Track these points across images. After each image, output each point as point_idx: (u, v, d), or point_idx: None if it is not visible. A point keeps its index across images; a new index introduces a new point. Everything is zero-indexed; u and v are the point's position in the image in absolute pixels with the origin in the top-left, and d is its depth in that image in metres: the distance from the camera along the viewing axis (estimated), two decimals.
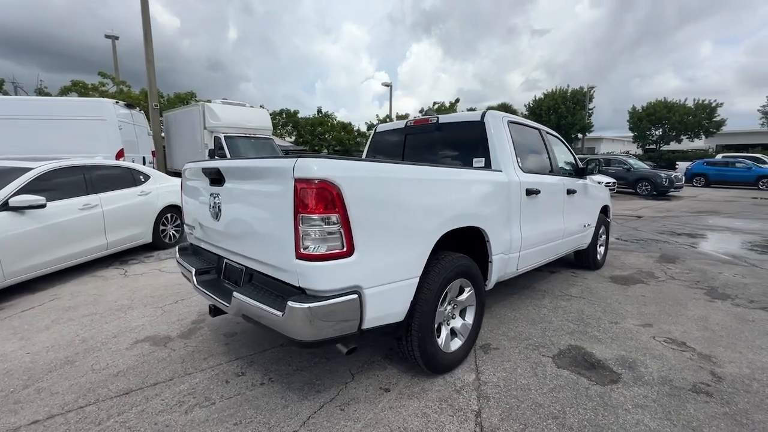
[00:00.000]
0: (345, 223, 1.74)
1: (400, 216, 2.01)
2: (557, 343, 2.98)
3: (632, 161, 17.49)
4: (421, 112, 31.89)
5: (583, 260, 5.03)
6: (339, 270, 1.76)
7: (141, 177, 5.53)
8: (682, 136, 28.38)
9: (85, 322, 3.33)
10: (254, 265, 2.13)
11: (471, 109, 32.57)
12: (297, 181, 1.71)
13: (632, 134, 32.26)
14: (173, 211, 5.97)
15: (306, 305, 1.70)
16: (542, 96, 33.96)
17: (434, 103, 31.54)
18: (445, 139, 3.52)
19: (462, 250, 2.61)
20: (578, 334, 3.16)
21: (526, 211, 3.19)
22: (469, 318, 2.67)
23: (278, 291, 1.99)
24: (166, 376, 2.47)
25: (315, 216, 1.69)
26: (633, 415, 2.13)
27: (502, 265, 2.98)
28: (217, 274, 2.58)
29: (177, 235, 6.14)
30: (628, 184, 16.57)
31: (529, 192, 3.19)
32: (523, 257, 3.25)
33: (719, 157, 22.60)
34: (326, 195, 1.69)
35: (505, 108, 40.67)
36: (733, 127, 29.41)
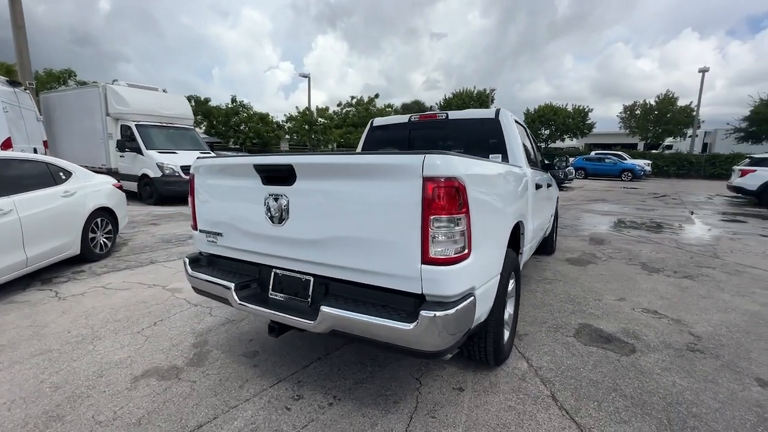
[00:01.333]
0: (468, 223, 1.66)
1: (495, 212, 2.00)
2: (570, 324, 3.29)
3: None
4: (339, 105, 31.60)
5: (542, 247, 5.61)
6: (463, 273, 1.67)
7: (62, 174, 4.41)
8: (564, 136, 33.38)
9: (41, 363, 2.57)
10: (337, 274, 1.90)
11: (389, 106, 33.48)
12: (426, 179, 1.57)
13: None
14: (103, 214, 4.93)
15: (441, 313, 1.58)
16: (451, 96, 36.47)
17: (351, 98, 31.53)
18: (455, 135, 3.57)
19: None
20: (579, 313, 3.54)
21: (534, 205, 3.43)
22: (511, 308, 2.78)
23: (375, 300, 1.81)
24: (207, 415, 2.06)
25: (445, 217, 1.58)
26: (666, 378, 2.48)
27: (525, 257, 3.16)
28: (259, 287, 2.23)
29: (108, 244, 5.09)
30: None
31: (537, 186, 3.44)
32: (530, 249, 3.50)
33: (593, 154, 27.10)
34: (455, 194, 1.59)
35: (418, 106, 42.59)
36: (598, 129, 35.69)
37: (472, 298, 1.75)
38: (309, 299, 2.02)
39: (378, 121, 4.05)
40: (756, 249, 6.27)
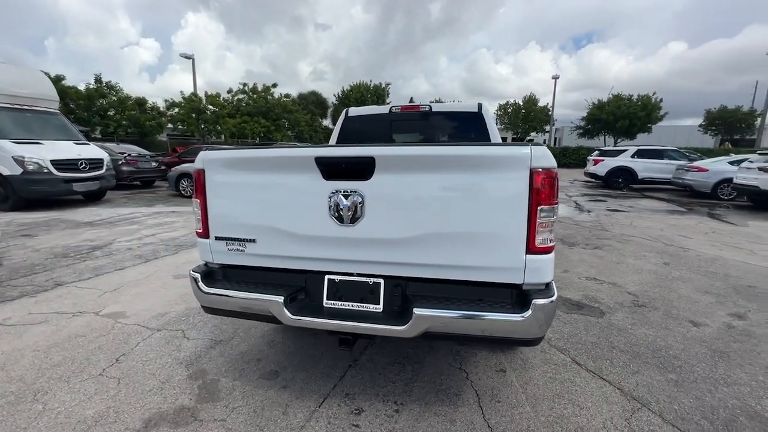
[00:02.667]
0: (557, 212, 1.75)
1: None
2: None
3: None
4: (229, 92, 28.83)
5: None
6: (553, 260, 1.75)
7: None
8: None
9: None
10: (419, 273, 1.79)
11: (287, 96, 31.82)
12: (534, 170, 1.59)
13: None
14: None
15: (548, 300, 1.64)
16: (348, 88, 36.62)
17: (243, 84, 29.08)
18: (438, 127, 3.64)
19: None
20: None
21: None
22: None
23: (462, 295, 1.78)
24: None
25: (548, 207, 1.63)
26: (638, 331, 3.02)
27: None
28: (308, 297, 1.96)
29: None
30: None
31: None
32: None
33: None
34: (553, 184, 1.65)
35: (315, 96, 41.57)
36: None
37: (552, 282, 1.84)
38: (380, 304, 1.86)
39: (353, 111, 3.86)
40: (625, 221, 7.95)
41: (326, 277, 1.93)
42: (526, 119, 35.43)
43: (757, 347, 2.80)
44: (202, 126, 24.39)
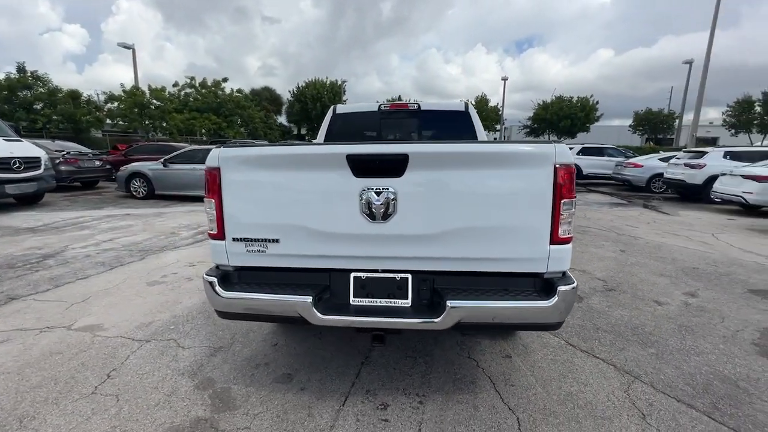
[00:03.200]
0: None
1: None
2: None
3: None
4: (175, 86, 27.06)
5: None
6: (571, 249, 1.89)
7: None
8: None
9: None
10: (448, 267, 1.85)
11: (239, 91, 30.38)
12: (558, 167, 1.71)
13: None
14: None
15: (570, 286, 1.77)
16: (304, 85, 35.84)
17: (190, 78, 27.43)
18: (428, 125, 3.72)
19: None
20: None
21: None
22: None
23: (489, 286, 1.87)
24: None
25: (569, 200, 1.76)
26: (615, 312, 3.32)
27: None
28: (333, 296, 1.95)
29: None
30: None
31: None
32: None
33: None
34: (572, 179, 1.78)
35: (269, 93, 40.20)
36: None
37: (568, 270, 1.99)
38: (409, 298, 1.89)
39: (341, 108, 3.82)
40: (579, 214, 8.61)
41: (352, 274, 1.93)
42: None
43: (712, 321, 3.20)
44: (147, 122, 22.63)
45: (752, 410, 2.07)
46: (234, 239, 1.93)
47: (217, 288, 1.89)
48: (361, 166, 1.75)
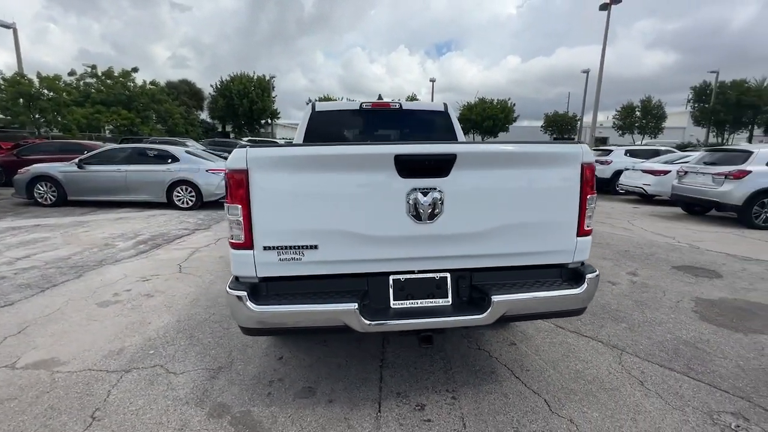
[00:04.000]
0: None
1: None
2: None
3: None
4: (72, 74, 23.50)
5: None
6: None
7: None
8: None
9: None
10: (486, 263, 1.91)
11: (153, 83, 27.30)
12: (585, 165, 1.86)
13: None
14: None
15: (596, 274, 1.95)
16: (228, 79, 33.54)
17: (91, 67, 24.06)
18: (409, 125, 3.75)
19: None
20: None
21: None
22: None
23: (521, 278, 1.97)
24: None
25: (592, 196, 1.93)
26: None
27: None
28: (372, 300, 1.88)
29: None
30: None
31: None
32: None
33: None
34: (594, 177, 1.95)
35: (188, 86, 36.88)
36: None
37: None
38: (449, 297, 1.91)
39: (321, 105, 3.66)
40: None
41: (391, 277, 1.88)
42: None
43: (657, 295, 3.74)
44: (36, 116, 19.24)
45: (715, 366, 2.48)
46: (265, 248, 1.75)
47: (248, 302, 1.71)
48: (408, 167, 1.72)
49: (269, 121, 35.39)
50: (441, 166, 1.74)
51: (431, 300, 1.91)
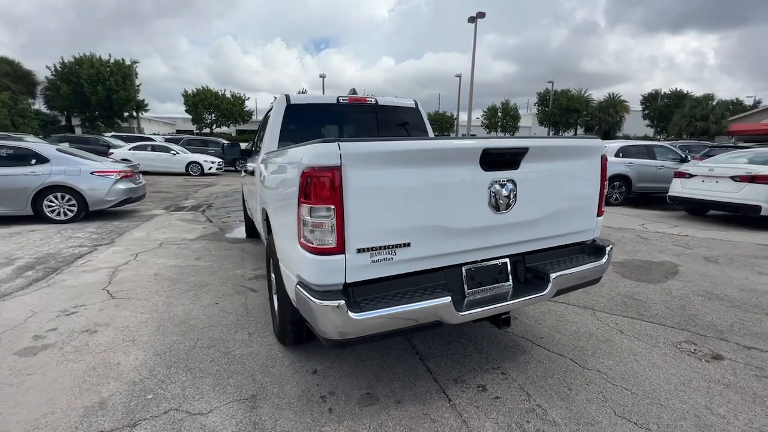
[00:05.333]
0: None
1: None
2: None
3: (225, 142, 19.74)
4: None
5: None
6: None
7: None
8: (229, 122, 33.94)
9: None
10: (542, 245, 2.12)
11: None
12: (603, 156, 2.22)
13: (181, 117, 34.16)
14: None
15: (610, 247, 2.35)
16: (73, 61, 27.36)
17: None
18: (384, 120, 3.76)
19: None
20: None
21: None
22: None
23: (556, 256, 2.25)
24: None
25: (606, 182, 2.32)
26: None
27: None
28: (450, 291, 1.92)
29: None
30: (227, 162, 18.59)
31: None
32: None
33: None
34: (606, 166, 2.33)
35: (11, 68, 28.77)
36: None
37: None
38: (510, 280, 2.07)
39: (296, 98, 3.37)
40: None
41: (463, 268, 1.95)
42: None
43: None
44: None
45: (655, 311, 3.22)
46: (359, 250, 1.62)
47: (350, 312, 1.57)
48: (491, 160, 1.80)
49: (134, 113, 30.10)
50: (515, 159, 1.88)
51: (498, 285, 2.04)
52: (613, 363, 2.43)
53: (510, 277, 2.09)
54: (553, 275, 2.02)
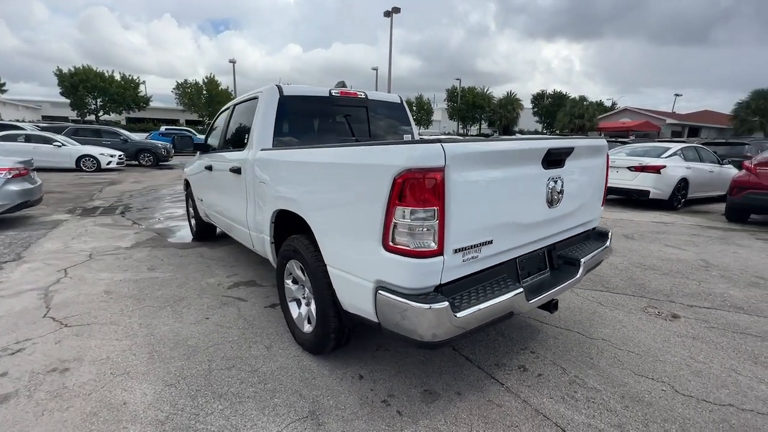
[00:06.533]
0: None
1: None
2: None
3: (126, 133, 17.05)
4: None
5: None
6: None
7: None
8: (121, 109, 29.15)
9: None
10: (567, 234, 2.36)
11: None
12: (608, 153, 2.55)
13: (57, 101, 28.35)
14: None
15: (611, 231, 2.71)
16: None
17: None
18: (374, 115, 3.70)
19: None
20: None
21: None
22: None
23: (574, 242, 2.54)
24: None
25: (607, 176, 2.67)
26: None
27: None
28: (510, 282, 2.04)
29: None
30: (129, 155, 16.19)
31: None
32: None
33: (163, 129, 26.28)
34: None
35: None
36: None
37: None
38: (548, 267, 2.27)
39: (290, 89, 3.08)
40: None
41: (517, 259, 2.08)
42: (210, 102, 33.58)
43: None
44: None
45: (615, 282, 3.81)
46: (455, 251, 1.62)
47: (454, 313, 1.58)
48: (550, 159, 1.94)
49: None
50: (563, 157, 2.06)
51: (540, 273, 2.22)
52: (609, 331, 2.83)
53: (547, 265, 2.29)
54: (583, 260, 2.28)
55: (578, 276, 2.26)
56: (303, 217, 2.22)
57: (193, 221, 5.46)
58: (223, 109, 4.37)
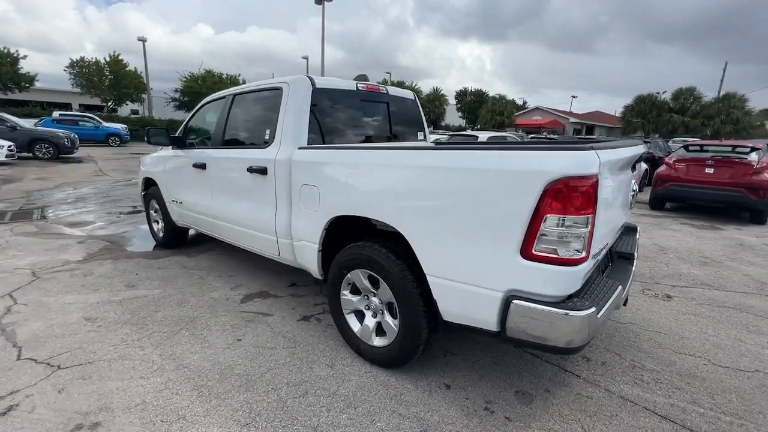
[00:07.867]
0: None
1: None
2: None
3: (14, 118, 13.98)
4: None
5: None
6: None
7: None
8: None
9: None
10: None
11: None
12: None
13: None
14: None
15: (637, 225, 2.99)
16: None
17: None
18: (393, 111, 3.56)
19: None
20: None
21: None
22: None
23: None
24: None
25: None
26: None
27: None
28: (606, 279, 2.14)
29: None
30: (21, 146, 13.41)
31: None
32: None
33: (56, 114, 22.26)
34: None
35: None
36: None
37: None
38: (609, 262, 2.43)
39: (321, 82, 2.77)
40: None
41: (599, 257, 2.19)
42: (116, 85, 29.05)
43: None
44: None
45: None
46: (593, 256, 1.64)
47: (592, 315, 1.60)
48: (633, 163, 2.06)
49: None
50: (639, 160, 2.20)
51: (607, 269, 2.37)
52: (631, 315, 3.15)
53: (610, 260, 2.45)
54: (635, 253, 2.48)
55: (634, 268, 2.46)
56: (391, 224, 2.06)
57: (156, 226, 4.74)
58: (210, 98, 3.85)
